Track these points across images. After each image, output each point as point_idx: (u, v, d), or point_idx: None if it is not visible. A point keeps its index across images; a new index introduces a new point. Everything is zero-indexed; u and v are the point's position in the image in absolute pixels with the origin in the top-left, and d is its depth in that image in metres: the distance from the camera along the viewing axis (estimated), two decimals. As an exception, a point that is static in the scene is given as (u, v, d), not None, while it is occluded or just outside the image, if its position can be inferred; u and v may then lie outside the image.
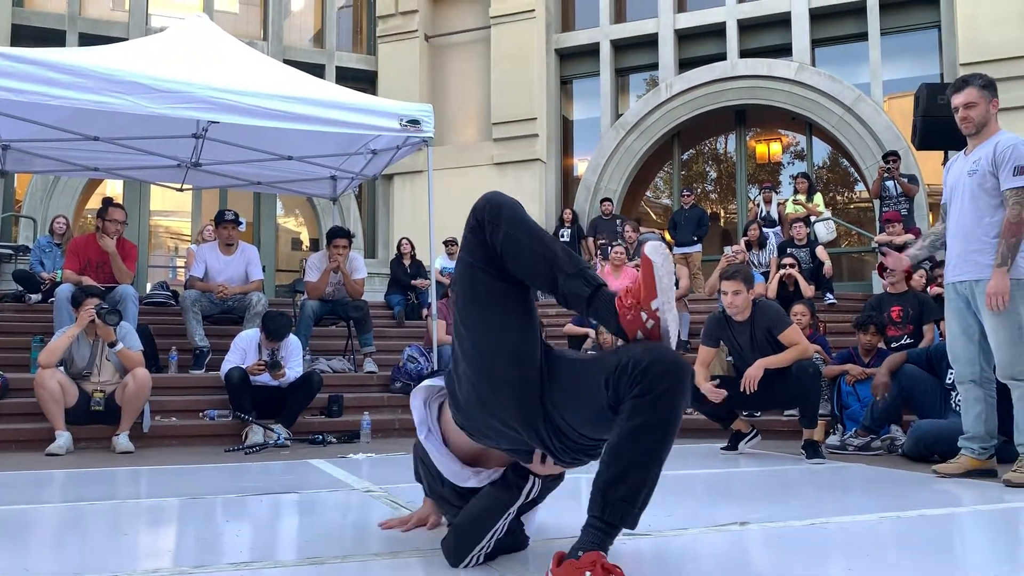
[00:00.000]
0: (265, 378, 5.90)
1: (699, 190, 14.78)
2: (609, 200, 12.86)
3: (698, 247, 11.24)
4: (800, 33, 13.24)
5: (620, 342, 2.15)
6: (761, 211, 11.06)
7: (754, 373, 4.81)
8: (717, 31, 13.91)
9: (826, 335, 7.17)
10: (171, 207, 15.26)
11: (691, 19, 14.16)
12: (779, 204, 11.19)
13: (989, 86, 4.04)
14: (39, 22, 13.87)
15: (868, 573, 2.18)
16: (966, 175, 4.03)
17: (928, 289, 7.30)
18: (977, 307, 4.01)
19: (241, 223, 7.50)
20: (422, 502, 2.70)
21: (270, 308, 7.02)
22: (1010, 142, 3.91)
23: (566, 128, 15.31)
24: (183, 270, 13.10)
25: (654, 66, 14.36)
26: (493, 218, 2.16)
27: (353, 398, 6.55)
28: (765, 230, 9.86)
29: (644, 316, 2.04)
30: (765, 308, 5.05)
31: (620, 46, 14.70)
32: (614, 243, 9.47)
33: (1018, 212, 3.83)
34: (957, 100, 4.05)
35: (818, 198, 10.67)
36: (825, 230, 10.30)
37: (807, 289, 8.28)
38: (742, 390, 4.84)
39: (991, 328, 3.93)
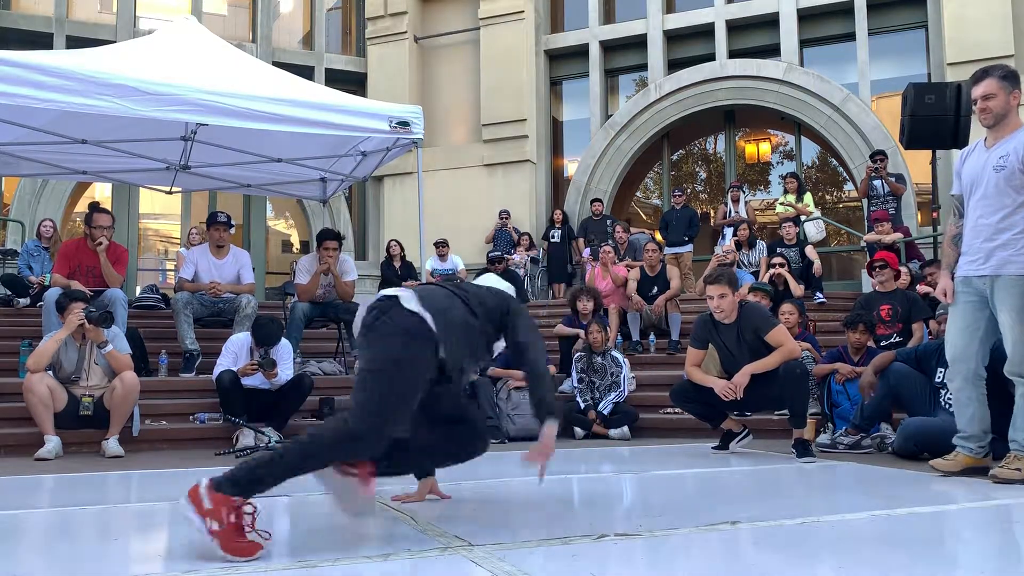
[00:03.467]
0: (256, 380, 5.87)
1: (688, 190, 14.83)
2: (599, 200, 12.89)
3: (689, 247, 11.27)
4: (788, 33, 13.30)
5: (610, 342, 2.31)
6: (729, 211, 11.10)
7: (740, 380, 4.83)
8: (706, 32, 13.96)
9: (816, 334, 7.20)
10: (160, 210, 15.22)
11: (680, 20, 14.20)
12: (746, 203, 11.22)
13: (1010, 76, 3.92)
14: (26, 25, 13.81)
15: (859, 571, 2.19)
16: (991, 170, 3.92)
17: (916, 287, 7.34)
18: (993, 301, 3.93)
19: (232, 225, 7.48)
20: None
21: (261, 311, 6.99)
22: None
23: (556, 129, 15.34)
24: (173, 273, 13.08)
25: (643, 67, 14.40)
26: None
27: (344, 400, 6.53)
28: (726, 229, 9.90)
29: None
30: (751, 310, 5.07)
31: (609, 47, 14.74)
32: (603, 243, 9.48)
33: None
34: (976, 92, 3.96)
35: (808, 198, 10.70)
36: (815, 229, 10.33)
37: (796, 289, 8.31)
38: (730, 398, 4.87)
39: (1007, 324, 3.85)
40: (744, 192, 11.52)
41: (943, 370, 4.94)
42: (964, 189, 4.11)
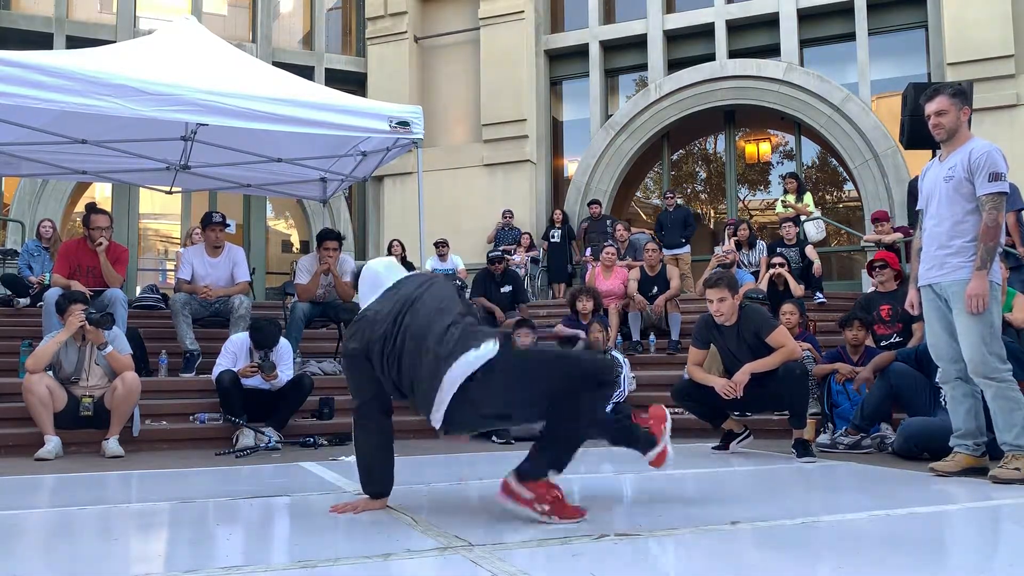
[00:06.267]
0: (256, 381, 5.88)
1: (688, 190, 14.84)
2: (597, 203, 12.85)
3: (687, 248, 11.25)
4: (788, 33, 13.30)
5: (610, 342, 2.36)
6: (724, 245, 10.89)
7: (740, 379, 4.84)
8: (706, 32, 13.96)
9: (816, 334, 7.20)
10: (160, 210, 15.22)
11: (680, 20, 14.20)
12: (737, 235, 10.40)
13: (960, 95, 4.15)
14: (26, 25, 13.81)
15: (858, 571, 2.19)
16: (942, 181, 4.14)
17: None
18: (950, 308, 4.09)
19: (229, 225, 7.47)
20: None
21: (260, 311, 6.98)
22: (984, 149, 4.02)
23: (556, 129, 15.34)
24: (173, 273, 13.07)
25: (643, 67, 14.40)
26: None
27: (344, 400, 6.52)
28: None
29: None
30: (751, 312, 5.07)
31: (609, 47, 14.73)
32: (605, 244, 9.48)
33: (995, 216, 3.94)
34: (929, 108, 4.18)
35: (808, 198, 10.70)
36: (815, 229, 10.33)
37: (796, 289, 8.31)
38: (730, 397, 4.87)
39: (963, 328, 4.01)
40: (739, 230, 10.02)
41: (939, 371, 4.96)
42: (922, 202, 4.33)
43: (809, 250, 9.26)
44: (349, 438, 5.88)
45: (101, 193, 14.33)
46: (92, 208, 6.95)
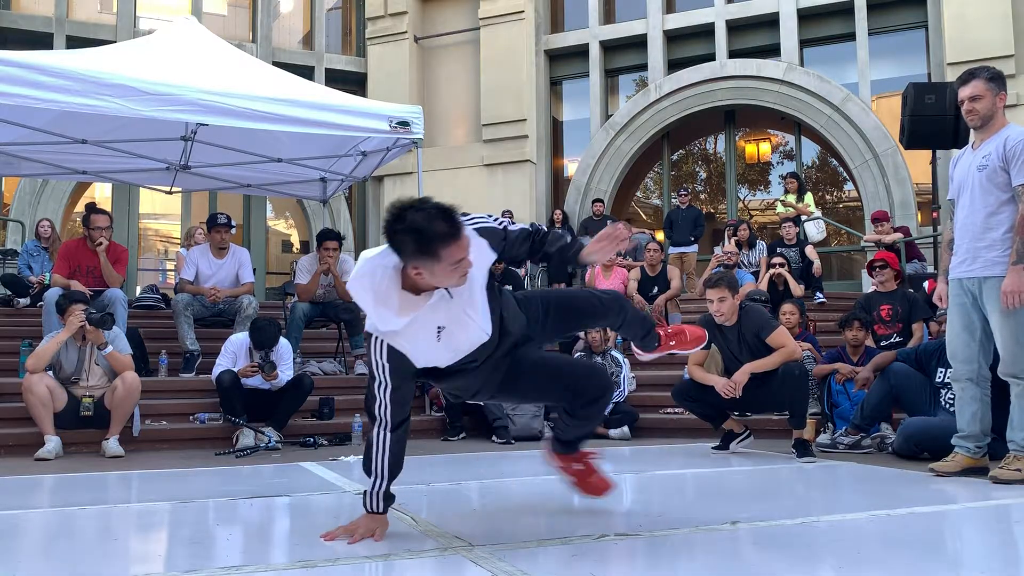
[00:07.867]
0: (256, 381, 5.88)
1: (689, 190, 14.82)
2: (600, 201, 12.87)
3: (695, 247, 11.24)
4: (788, 33, 13.30)
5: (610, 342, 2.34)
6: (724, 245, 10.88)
7: (740, 379, 4.84)
8: (706, 32, 13.96)
9: (816, 334, 7.20)
10: (160, 210, 15.22)
11: (680, 20, 14.20)
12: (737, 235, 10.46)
13: (996, 79, 3.96)
14: (26, 25, 13.81)
15: (858, 571, 2.19)
16: (975, 170, 3.96)
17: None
18: (983, 303, 3.95)
19: (232, 226, 7.47)
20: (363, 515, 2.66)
21: (261, 311, 6.99)
22: (1021, 136, 3.84)
23: (556, 129, 15.34)
24: (173, 273, 13.08)
25: (643, 67, 14.40)
26: None
27: (344, 400, 6.53)
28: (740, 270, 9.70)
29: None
30: (751, 312, 5.08)
31: (609, 47, 14.74)
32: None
33: None
34: (963, 93, 3.98)
35: (808, 198, 10.70)
36: (815, 230, 10.33)
37: (796, 289, 8.31)
38: (730, 396, 4.88)
39: (997, 325, 3.88)
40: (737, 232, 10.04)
41: (943, 370, 4.95)
42: (954, 192, 4.15)
43: (809, 250, 9.26)
44: (349, 438, 5.91)
45: (101, 193, 14.32)
46: (92, 208, 6.95)
